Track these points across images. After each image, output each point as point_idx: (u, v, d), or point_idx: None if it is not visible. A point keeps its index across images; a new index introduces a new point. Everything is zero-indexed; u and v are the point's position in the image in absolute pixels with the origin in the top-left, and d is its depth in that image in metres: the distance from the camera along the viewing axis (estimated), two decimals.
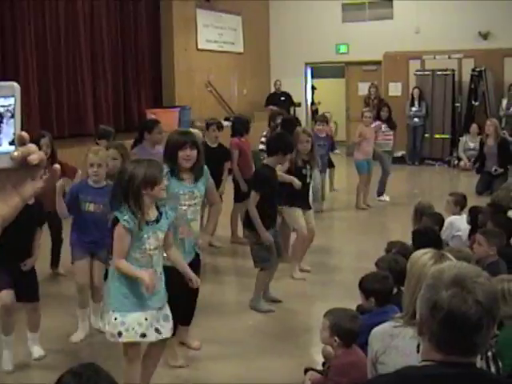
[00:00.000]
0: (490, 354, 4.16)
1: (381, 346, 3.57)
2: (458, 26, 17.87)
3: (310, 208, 8.44)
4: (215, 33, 17.88)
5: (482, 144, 14.36)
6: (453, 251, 4.36)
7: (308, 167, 8.15)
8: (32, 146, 1.22)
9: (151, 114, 15.11)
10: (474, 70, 17.62)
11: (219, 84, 17.74)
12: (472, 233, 7.13)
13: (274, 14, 20.26)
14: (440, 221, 7.32)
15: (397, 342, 3.51)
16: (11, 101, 1.21)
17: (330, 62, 20.37)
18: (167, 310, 4.70)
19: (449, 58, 18.16)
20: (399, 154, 18.38)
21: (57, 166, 1.30)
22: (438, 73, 18.03)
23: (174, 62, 16.52)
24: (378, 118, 13.15)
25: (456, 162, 17.11)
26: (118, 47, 15.54)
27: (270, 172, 7.10)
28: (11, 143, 1.21)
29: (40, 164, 1.23)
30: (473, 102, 17.61)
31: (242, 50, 18.96)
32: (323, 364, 5.06)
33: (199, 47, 17.26)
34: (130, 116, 15.74)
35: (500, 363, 4.22)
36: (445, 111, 18.03)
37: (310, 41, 19.53)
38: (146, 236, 4.55)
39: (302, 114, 20.19)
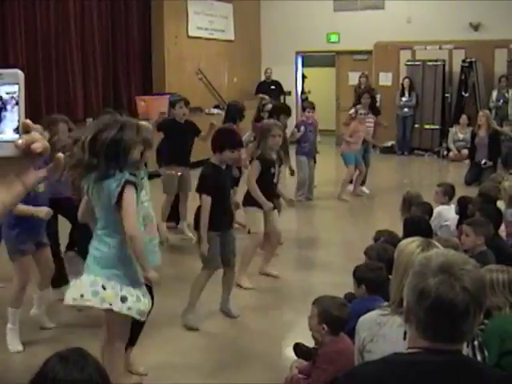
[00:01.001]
0: (476, 342, 4.18)
1: (368, 334, 3.58)
2: (449, 17, 17.86)
3: (274, 208, 7.69)
4: (206, 20, 17.80)
5: (473, 135, 14.40)
6: (441, 240, 4.38)
7: (277, 166, 7.58)
8: (36, 134, 1.21)
9: (141, 101, 15.08)
10: (464, 61, 17.63)
11: (209, 72, 17.67)
12: (460, 223, 7.14)
13: (266, 2, 20.18)
14: (429, 210, 7.34)
15: (384, 331, 3.52)
16: (15, 88, 1.21)
17: (321, 51, 20.33)
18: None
19: (440, 48, 18.17)
20: (389, 144, 18.44)
21: (60, 154, 1.27)
22: (429, 63, 18.04)
23: (165, 49, 16.44)
24: (357, 103, 13.07)
25: (445, 152, 17.16)
26: (109, 34, 15.44)
27: (216, 170, 6.39)
28: (15, 131, 1.20)
29: (44, 152, 1.22)
30: (463, 93, 17.63)
31: (232, 38, 18.90)
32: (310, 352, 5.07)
33: (190, 34, 17.18)
34: (120, 103, 15.66)
35: (486, 353, 4.24)
36: (435, 102, 18.05)
37: (300, 29, 19.47)
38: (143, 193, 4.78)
39: (292, 102, 20.14)
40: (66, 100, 14.19)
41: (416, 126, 18.28)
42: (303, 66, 21.15)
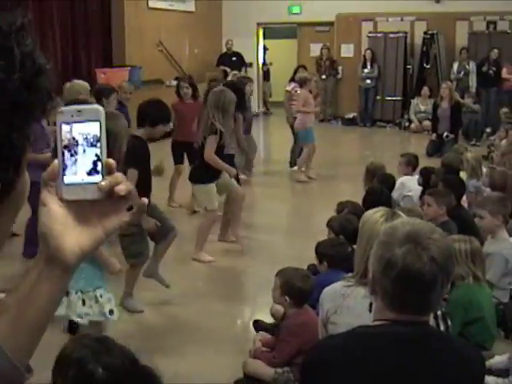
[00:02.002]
0: (439, 312, 4.18)
1: (332, 305, 3.53)
2: None
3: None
4: None
5: (435, 106, 14.43)
6: (404, 210, 4.35)
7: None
8: (119, 176, 1.14)
9: (101, 74, 14.86)
10: (426, 33, 17.65)
11: (170, 43, 17.46)
12: (423, 193, 7.15)
13: None
14: (391, 181, 7.33)
15: (348, 302, 3.48)
16: (94, 127, 1.13)
17: (283, 23, 20.21)
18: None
19: (401, 20, 18.17)
20: (350, 115, 18.45)
21: (145, 199, 1.19)
22: (391, 35, 18.03)
23: (125, 20, 16.18)
24: (293, 79, 12.87)
25: (407, 124, 17.20)
26: (67, 5, 15.15)
27: (142, 144, 5.99)
28: (89, 173, 1.13)
29: (128, 196, 1.14)
30: (424, 65, 17.66)
31: (193, 9, 18.67)
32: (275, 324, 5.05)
33: (150, 6, 16.93)
34: (80, 75, 15.35)
35: (449, 322, 4.24)
36: (396, 73, 18.06)
37: (262, 1, 19.28)
38: None
39: (254, 74, 20.04)
40: None
41: (378, 97, 18.28)
42: (265, 37, 21.01)
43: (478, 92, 16.45)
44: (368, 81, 18.07)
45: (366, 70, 18.07)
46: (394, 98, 18.13)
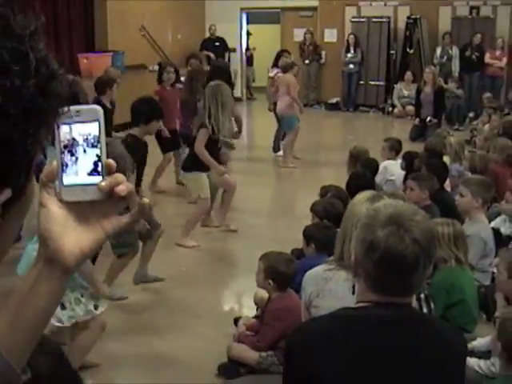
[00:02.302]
0: (422, 295, 4.21)
1: (314, 289, 3.55)
2: None
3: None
4: None
5: (418, 91, 14.46)
6: (387, 194, 4.36)
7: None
8: (120, 176, 1.13)
9: (83, 59, 14.80)
10: (409, 18, 17.63)
11: (153, 28, 17.37)
12: (406, 178, 7.17)
13: None
14: (374, 165, 7.34)
15: (330, 285, 3.50)
16: (93, 127, 1.12)
17: (266, 8, 20.13)
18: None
19: (385, 5, 18.15)
20: (334, 100, 18.46)
21: (145, 199, 1.17)
22: (374, 20, 18.00)
23: (107, 5, 16.08)
24: (276, 65, 12.83)
25: (390, 109, 17.22)
26: None
27: (139, 144, 6.30)
28: (90, 173, 1.13)
29: (128, 196, 1.13)
30: (408, 50, 17.66)
31: None
32: (256, 309, 5.06)
33: None
34: (62, 61, 15.22)
35: (432, 305, 4.27)
36: (380, 58, 18.06)
37: None
38: None
39: (237, 59, 20.01)
40: None
41: (361, 82, 18.27)
42: (248, 22, 20.93)
43: (460, 77, 16.47)
44: (351, 65, 18.05)
45: (349, 55, 18.05)
46: (377, 83, 18.13)
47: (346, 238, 3.33)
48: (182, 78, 10.25)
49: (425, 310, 4.19)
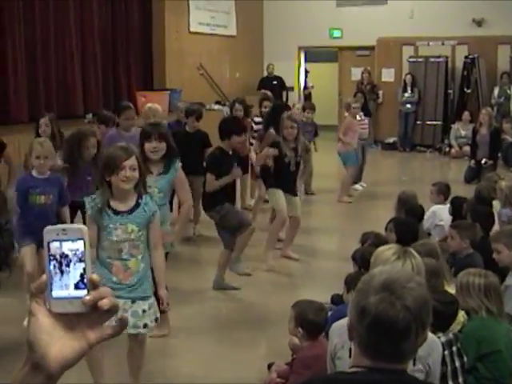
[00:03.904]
0: (454, 348, 4.15)
1: (339, 340, 3.53)
2: (452, 12, 17.79)
3: (295, 195, 8.27)
4: (207, 15, 17.75)
5: (474, 132, 14.32)
6: (417, 245, 4.34)
7: (292, 155, 7.98)
8: (104, 290, 1.21)
9: (141, 97, 15.06)
10: (467, 57, 17.57)
11: (211, 67, 17.63)
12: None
13: None
14: (419, 213, 7.23)
15: None
16: (79, 244, 1.21)
17: (324, 47, 20.28)
18: (141, 307, 4.46)
19: (442, 44, 18.11)
20: (390, 140, 18.42)
21: (125, 315, 1.28)
22: (431, 59, 17.98)
23: (166, 44, 16.40)
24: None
25: (447, 149, 17.07)
26: (109, 28, 15.38)
27: (223, 154, 7.15)
28: (76, 287, 1.21)
29: (112, 310, 1.21)
30: (465, 90, 17.56)
31: (234, 33, 18.83)
32: (292, 355, 5.05)
33: (191, 30, 17.14)
34: (120, 98, 15.53)
35: (465, 358, 4.21)
36: (437, 98, 17.99)
37: (303, 25, 19.39)
38: (112, 226, 4.37)
39: (295, 98, 20.12)
40: (66, 96, 14.14)
41: (418, 122, 18.21)
42: (306, 61, 21.08)
43: None
44: (408, 105, 18.03)
45: (406, 95, 18.04)
46: (434, 123, 18.05)
47: None
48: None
49: (457, 364, 4.14)
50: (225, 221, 7.04)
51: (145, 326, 4.52)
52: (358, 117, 12.40)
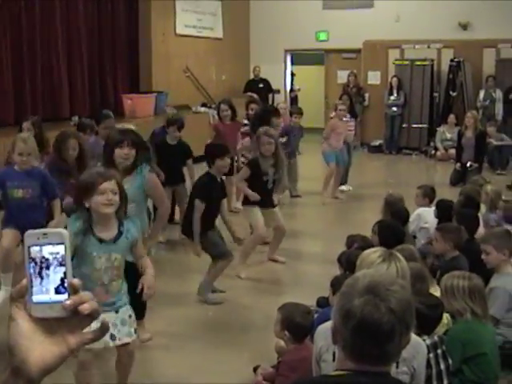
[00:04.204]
0: (439, 351, 4.17)
1: (324, 343, 3.54)
2: (438, 16, 17.84)
3: (273, 206, 8.18)
4: (194, 18, 17.72)
5: (460, 135, 14.37)
6: (397, 249, 4.35)
7: (271, 172, 7.87)
8: (85, 295, 1.21)
9: (127, 100, 15.05)
10: (452, 61, 17.62)
11: (197, 70, 17.62)
12: None
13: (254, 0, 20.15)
14: (404, 216, 7.23)
15: None
16: (59, 248, 1.21)
17: (310, 50, 20.30)
18: (126, 313, 4.42)
19: (428, 47, 18.16)
20: (376, 143, 18.46)
21: (106, 320, 1.26)
22: (417, 62, 18.02)
23: (152, 46, 16.37)
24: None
25: (433, 151, 17.12)
26: (95, 31, 15.34)
27: (212, 180, 7.01)
28: (57, 291, 1.21)
29: (92, 314, 1.21)
30: (451, 93, 17.62)
31: (221, 36, 18.83)
32: (277, 358, 5.05)
33: (177, 32, 17.12)
34: (107, 101, 15.57)
35: (450, 360, 4.23)
36: (423, 101, 18.03)
37: (289, 27, 19.42)
38: (95, 255, 4.25)
39: (281, 100, 20.14)
40: (52, 98, 14.11)
41: (404, 125, 18.25)
42: (292, 64, 21.11)
43: (504, 120, 16.37)
44: (394, 108, 18.07)
45: (392, 98, 18.08)
46: (420, 126, 18.09)
47: None
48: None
49: (442, 366, 4.15)
50: (208, 249, 6.95)
51: (135, 331, 4.52)
52: (344, 118, 12.42)
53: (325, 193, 12.15)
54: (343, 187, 12.91)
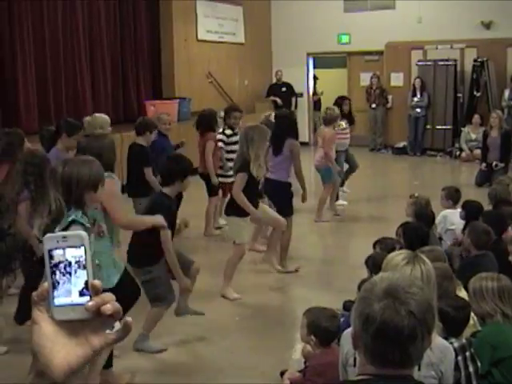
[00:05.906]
0: (468, 353, 4.12)
1: (350, 348, 3.50)
2: (460, 16, 17.71)
3: (261, 197, 7.92)
4: (215, 23, 17.76)
5: (485, 135, 14.27)
6: (424, 251, 4.31)
7: (263, 174, 7.48)
8: (107, 296, 1.21)
9: (151, 106, 15.06)
10: (476, 60, 17.49)
11: (220, 75, 17.64)
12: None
13: (276, 3, 20.10)
14: (429, 218, 7.15)
15: None
16: (81, 251, 1.21)
17: (332, 52, 20.25)
18: None
19: (451, 47, 18.04)
20: (401, 144, 18.38)
21: (129, 319, 1.24)
22: (440, 63, 17.91)
23: (174, 52, 16.42)
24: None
25: (458, 152, 17.01)
26: (117, 38, 15.45)
27: (170, 202, 5.88)
28: (81, 294, 1.21)
29: (115, 315, 1.20)
30: (475, 93, 17.49)
31: (243, 41, 18.85)
32: (305, 363, 5.03)
33: (199, 38, 17.15)
34: (130, 107, 15.67)
35: (478, 363, 4.18)
36: (446, 102, 17.91)
37: (311, 31, 19.37)
38: None
39: (304, 104, 20.14)
40: (75, 104, 14.17)
41: (428, 126, 18.15)
42: (314, 67, 21.05)
43: None
44: (418, 109, 17.98)
45: (415, 99, 17.99)
46: (444, 127, 17.97)
47: None
48: None
49: (471, 369, 4.10)
50: (146, 287, 5.77)
51: None
52: (343, 124, 12.03)
53: (321, 214, 11.02)
54: (340, 201, 11.94)
